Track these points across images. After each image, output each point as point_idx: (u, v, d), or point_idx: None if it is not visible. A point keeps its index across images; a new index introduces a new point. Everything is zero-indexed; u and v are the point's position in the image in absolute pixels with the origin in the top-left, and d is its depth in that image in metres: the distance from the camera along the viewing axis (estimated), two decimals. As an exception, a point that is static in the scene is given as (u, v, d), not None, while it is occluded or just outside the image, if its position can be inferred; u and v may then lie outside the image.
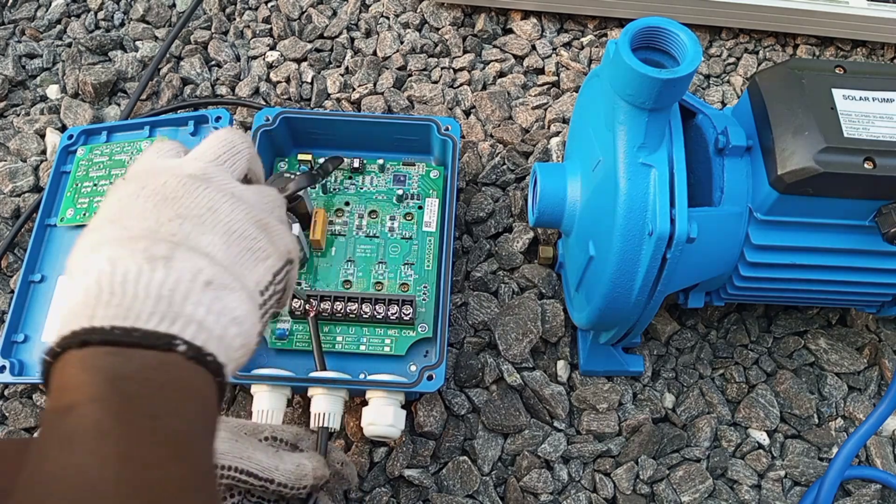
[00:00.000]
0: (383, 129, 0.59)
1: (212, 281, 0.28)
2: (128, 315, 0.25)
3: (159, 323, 0.26)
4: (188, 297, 0.27)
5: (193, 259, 0.28)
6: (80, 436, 0.23)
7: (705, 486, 0.52)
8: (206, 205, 0.31)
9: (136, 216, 0.29)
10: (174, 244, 0.28)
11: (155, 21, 0.75)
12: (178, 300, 0.26)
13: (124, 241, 0.28)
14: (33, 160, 0.66)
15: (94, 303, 0.26)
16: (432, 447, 0.53)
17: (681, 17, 0.70)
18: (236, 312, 0.28)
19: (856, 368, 0.57)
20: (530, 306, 0.56)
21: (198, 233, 0.29)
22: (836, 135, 0.41)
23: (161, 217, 0.29)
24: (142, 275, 0.26)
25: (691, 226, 0.40)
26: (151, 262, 0.27)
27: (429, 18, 0.74)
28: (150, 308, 0.26)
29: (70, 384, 0.24)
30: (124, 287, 0.26)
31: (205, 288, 0.27)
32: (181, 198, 0.30)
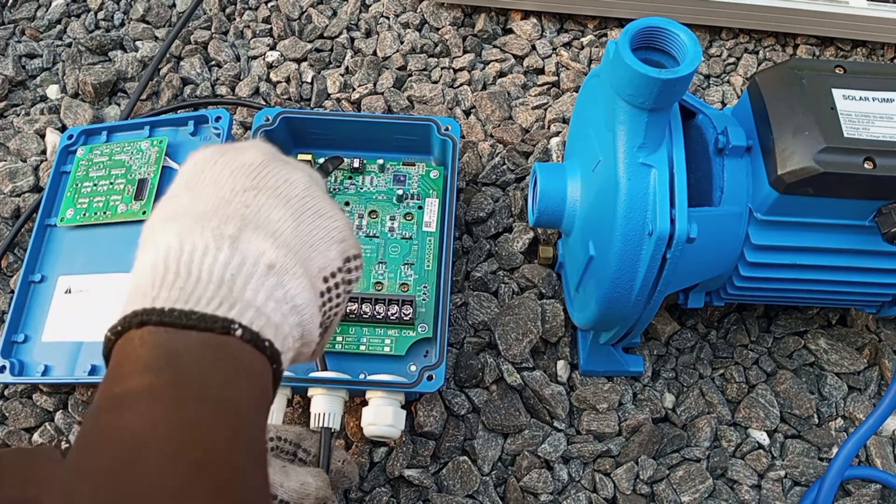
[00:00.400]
0: (383, 129, 0.59)
1: (274, 264, 0.28)
2: (189, 298, 0.26)
3: (218, 307, 0.26)
4: (249, 281, 0.27)
5: (259, 240, 0.28)
6: (132, 399, 0.23)
7: (705, 486, 0.52)
8: (284, 176, 0.30)
9: (210, 183, 0.29)
10: (243, 222, 0.28)
11: (155, 21, 0.75)
12: (238, 285, 0.26)
13: (197, 215, 0.28)
14: (33, 160, 0.66)
15: (158, 283, 0.26)
16: (432, 447, 0.53)
17: (681, 17, 0.70)
18: (297, 300, 0.28)
19: (856, 368, 0.57)
20: (530, 306, 0.56)
21: (270, 206, 0.29)
22: (836, 135, 0.41)
23: (236, 185, 0.29)
24: (206, 254, 0.26)
25: (691, 226, 0.40)
26: (218, 240, 0.27)
27: (429, 18, 0.74)
28: (210, 292, 0.26)
29: (126, 358, 0.25)
30: (189, 268, 0.26)
31: (267, 272, 0.27)
32: (258, 166, 0.30)
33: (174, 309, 0.25)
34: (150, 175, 0.58)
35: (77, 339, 0.54)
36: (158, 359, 0.24)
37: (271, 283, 0.27)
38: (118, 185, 0.58)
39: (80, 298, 0.55)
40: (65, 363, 0.53)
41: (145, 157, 0.59)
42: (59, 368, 0.53)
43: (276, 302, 0.27)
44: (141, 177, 0.58)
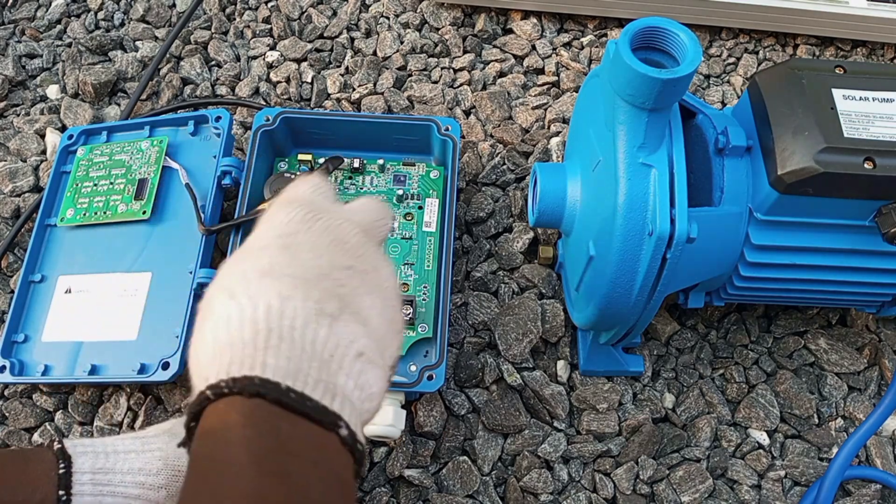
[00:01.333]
0: (383, 129, 0.59)
1: (363, 353, 0.27)
2: (297, 374, 0.25)
3: (324, 395, 0.25)
4: (342, 365, 0.26)
5: (354, 325, 0.27)
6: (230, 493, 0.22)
7: (705, 486, 0.52)
8: (373, 263, 0.30)
9: (308, 248, 0.28)
10: (343, 302, 0.27)
11: (155, 21, 0.75)
12: (334, 368, 0.26)
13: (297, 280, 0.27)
14: (33, 160, 0.66)
15: (262, 344, 0.25)
16: (432, 447, 0.53)
17: (681, 17, 0.70)
18: (373, 389, 0.28)
19: (856, 368, 0.57)
20: (530, 306, 0.56)
21: (363, 292, 0.29)
22: (836, 135, 0.41)
23: (335, 261, 0.28)
24: (307, 328, 0.26)
25: (691, 226, 0.40)
26: (320, 316, 0.26)
27: (429, 18, 0.74)
28: (315, 372, 0.25)
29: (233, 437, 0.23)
30: (293, 335, 0.25)
31: (356, 359, 0.27)
32: (354, 247, 0.30)
33: (291, 389, 0.24)
34: (150, 175, 0.58)
35: (77, 339, 0.54)
36: (266, 454, 0.23)
37: (357, 369, 0.27)
38: (118, 185, 0.58)
39: (80, 298, 0.55)
40: (65, 363, 0.53)
41: (145, 157, 0.59)
42: (59, 368, 0.53)
43: (360, 390, 0.27)
44: (141, 177, 0.58)
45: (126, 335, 0.53)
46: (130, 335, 0.53)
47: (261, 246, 0.29)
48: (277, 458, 0.23)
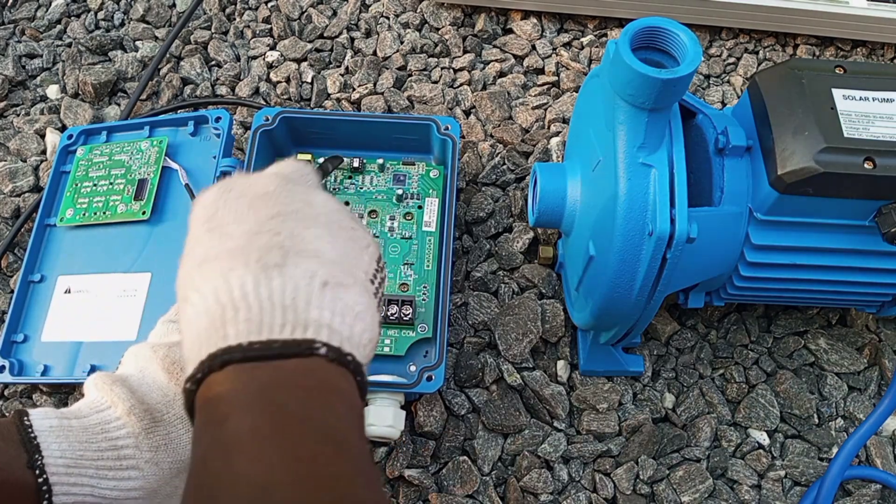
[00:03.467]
0: (383, 128, 0.59)
1: (327, 281, 0.27)
2: (261, 328, 0.25)
3: (293, 331, 0.25)
4: (310, 301, 0.26)
5: (305, 262, 0.27)
6: (239, 444, 0.23)
7: (705, 486, 0.52)
8: (301, 199, 0.30)
9: (231, 219, 0.29)
10: (284, 248, 0.27)
11: (155, 21, 0.75)
12: (301, 307, 0.26)
13: (232, 251, 0.27)
14: (33, 160, 0.66)
15: (220, 322, 0.25)
16: (432, 447, 0.53)
17: (681, 17, 0.70)
18: (357, 308, 0.28)
19: (856, 368, 0.57)
20: (530, 306, 0.56)
21: (301, 228, 0.29)
22: (836, 135, 0.41)
23: (259, 216, 0.29)
24: (260, 285, 0.26)
25: (691, 226, 0.40)
26: (266, 270, 0.26)
27: (429, 18, 0.74)
28: (279, 318, 0.25)
29: (221, 398, 0.24)
30: (247, 300, 0.26)
31: (322, 289, 0.27)
32: (275, 193, 0.30)
33: (253, 342, 0.25)
34: (149, 175, 0.58)
35: (76, 339, 0.54)
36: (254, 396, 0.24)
37: (329, 297, 0.27)
38: (118, 185, 0.58)
39: (80, 298, 0.55)
40: (64, 363, 0.53)
41: (145, 158, 0.59)
42: (59, 368, 0.53)
43: (341, 315, 0.27)
44: (141, 177, 0.58)
45: (126, 335, 0.53)
46: (130, 335, 0.53)
47: (192, 242, 0.29)
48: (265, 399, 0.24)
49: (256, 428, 0.23)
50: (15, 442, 0.32)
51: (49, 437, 0.33)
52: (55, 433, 0.33)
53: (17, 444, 0.32)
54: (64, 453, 0.33)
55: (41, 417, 0.34)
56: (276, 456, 0.22)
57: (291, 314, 0.26)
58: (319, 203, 0.31)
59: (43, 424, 0.33)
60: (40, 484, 0.32)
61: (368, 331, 0.28)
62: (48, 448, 0.32)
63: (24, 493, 0.31)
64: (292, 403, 0.24)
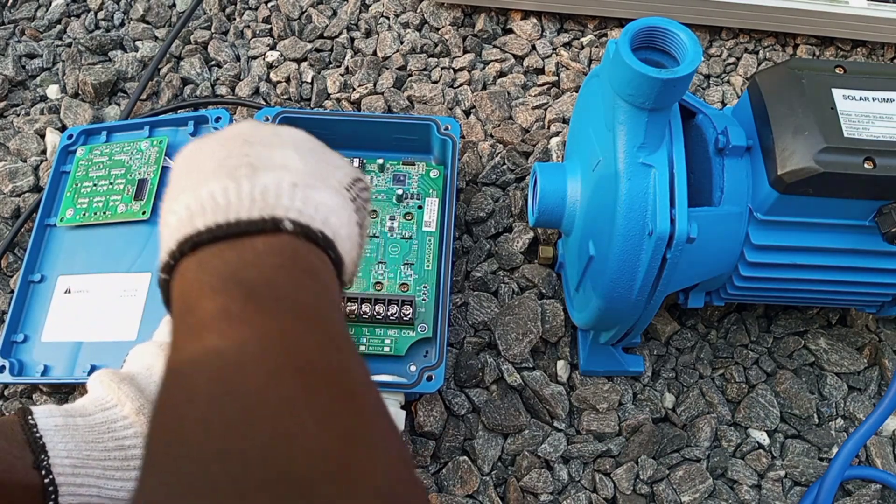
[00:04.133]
0: (383, 128, 0.59)
1: (296, 182, 0.28)
2: (228, 213, 0.25)
3: (261, 212, 0.26)
4: (280, 196, 0.27)
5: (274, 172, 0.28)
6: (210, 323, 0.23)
7: (705, 486, 0.52)
8: (270, 130, 0.31)
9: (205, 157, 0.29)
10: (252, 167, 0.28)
11: (155, 21, 0.75)
12: (271, 201, 0.26)
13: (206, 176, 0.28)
14: (33, 160, 0.65)
15: (189, 218, 0.26)
16: (432, 447, 0.53)
17: (681, 17, 0.70)
18: (330, 203, 0.28)
19: (856, 368, 0.57)
20: (530, 306, 0.56)
21: (269, 152, 0.29)
22: (836, 135, 0.41)
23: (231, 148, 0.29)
24: (228, 190, 0.26)
25: (691, 226, 0.40)
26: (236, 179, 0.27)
27: (429, 18, 0.74)
28: (247, 206, 0.26)
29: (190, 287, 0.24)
30: (215, 200, 0.26)
31: (293, 188, 0.27)
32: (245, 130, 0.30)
33: (219, 223, 0.25)
34: (149, 175, 0.58)
35: (76, 339, 0.54)
36: (223, 278, 0.24)
37: (300, 196, 0.27)
38: (118, 185, 0.58)
39: (80, 298, 0.55)
40: (64, 363, 0.53)
41: (145, 158, 0.59)
42: (59, 368, 0.53)
43: (313, 207, 0.27)
44: (141, 177, 0.58)
45: (126, 335, 0.53)
46: (130, 335, 0.53)
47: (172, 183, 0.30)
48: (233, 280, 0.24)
49: (225, 308, 0.23)
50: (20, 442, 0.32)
51: (55, 436, 0.33)
52: (61, 433, 0.33)
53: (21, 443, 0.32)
54: (70, 453, 0.33)
55: (46, 416, 0.34)
56: (247, 332, 0.23)
57: (261, 202, 0.26)
58: (287, 132, 0.31)
59: (48, 423, 0.33)
60: (46, 484, 0.32)
61: (345, 227, 0.29)
62: (54, 448, 0.32)
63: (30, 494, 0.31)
64: (260, 282, 0.24)
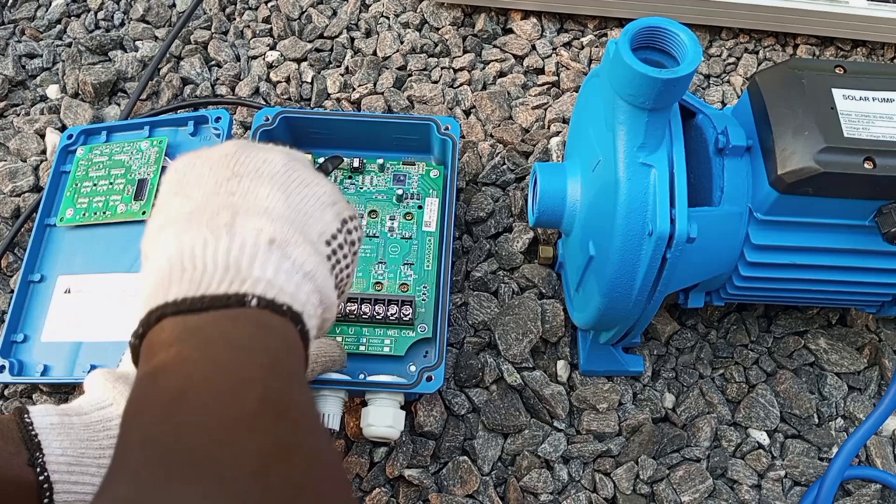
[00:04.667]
0: (383, 128, 0.59)
1: (274, 238, 0.28)
2: (199, 286, 0.26)
3: (229, 287, 0.26)
4: (254, 259, 0.27)
5: (253, 220, 0.28)
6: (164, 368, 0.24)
7: (705, 486, 0.52)
8: (259, 158, 0.31)
9: (193, 182, 0.30)
10: (233, 209, 0.28)
11: (155, 21, 0.75)
12: (245, 265, 0.27)
13: (188, 214, 0.28)
14: (33, 160, 0.65)
15: (167, 282, 0.27)
16: (432, 447, 0.53)
17: (681, 17, 0.70)
18: (305, 267, 0.29)
19: (856, 368, 0.57)
20: (530, 306, 0.56)
21: (255, 187, 0.30)
22: (836, 135, 0.41)
23: (218, 177, 0.30)
24: (207, 246, 0.27)
25: (691, 226, 0.40)
26: (215, 231, 0.28)
27: (429, 18, 0.74)
28: (219, 276, 0.26)
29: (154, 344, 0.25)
30: (193, 261, 0.27)
31: (269, 247, 0.28)
32: (235, 154, 0.31)
33: (186, 298, 0.26)
34: (149, 175, 0.58)
35: (76, 339, 0.54)
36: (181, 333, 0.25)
37: (276, 256, 0.28)
38: (118, 185, 0.58)
39: (80, 298, 0.55)
40: (64, 363, 0.53)
41: (145, 157, 0.59)
42: (59, 368, 0.53)
43: (286, 273, 0.28)
44: (141, 177, 0.58)
45: (126, 335, 0.53)
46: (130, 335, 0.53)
47: (159, 204, 0.31)
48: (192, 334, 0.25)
49: (179, 353, 0.24)
50: (15, 440, 0.32)
51: (50, 434, 0.33)
52: (56, 430, 0.33)
53: (17, 441, 0.32)
54: (65, 451, 0.33)
55: (42, 414, 0.34)
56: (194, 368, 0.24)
57: (233, 272, 0.27)
58: (277, 161, 0.32)
59: (44, 422, 0.33)
60: (41, 482, 0.32)
61: (318, 293, 0.29)
62: (49, 446, 0.32)
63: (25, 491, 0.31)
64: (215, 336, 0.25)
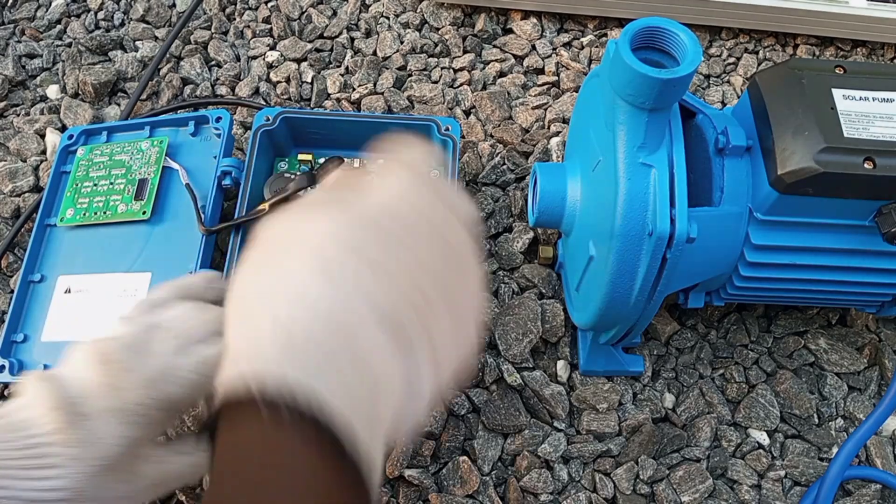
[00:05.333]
0: (383, 129, 0.59)
1: (412, 383, 0.26)
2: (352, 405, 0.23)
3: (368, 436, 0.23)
4: (389, 401, 0.25)
5: (421, 353, 0.26)
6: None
7: (705, 486, 0.52)
8: (467, 275, 0.28)
9: (423, 248, 0.26)
10: (419, 329, 0.25)
11: (155, 21, 0.75)
12: (383, 400, 0.24)
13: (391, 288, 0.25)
14: (33, 160, 0.66)
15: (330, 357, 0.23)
16: (432, 447, 0.53)
17: (681, 17, 0.70)
18: (406, 424, 0.26)
19: (856, 368, 0.57)
20: (530, 306, 0.56)
21: (444, 313, 0.26)
22: (836, 135, 0.41)
23: (435, 269, 0.26)
24: (374, 353, 0.24)
25: (691, 226, 0.40)
26: (396, 343, 0.25)
27: (429, 18, 0.74)
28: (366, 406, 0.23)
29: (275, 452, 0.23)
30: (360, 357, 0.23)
31: (403, 388, 0.25)
32: (457, 254, 0.28)
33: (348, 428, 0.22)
34: (150, 175, 0.58)
35: (76, 339, 0.54)
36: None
37: (404, 407, 0.25)
38: (118, 185, 0.58)
39: (80, 298, 0.55)
40: (65, 363, 0.53)
41: (145, 158, 0.59)
42: (59, 368, 0.53)
43: (395, 423, 0.25)
44: (141, 177, 0.58)
45: (126, 335, 0.53)
46: (130, 335, 0.53)
47: (370, 216, 0.26)
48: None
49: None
50: None
51: None
52: None
53: None
54: None
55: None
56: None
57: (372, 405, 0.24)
58: (473, 287, 0.28)
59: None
60: None
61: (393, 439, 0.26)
62: None
63: None
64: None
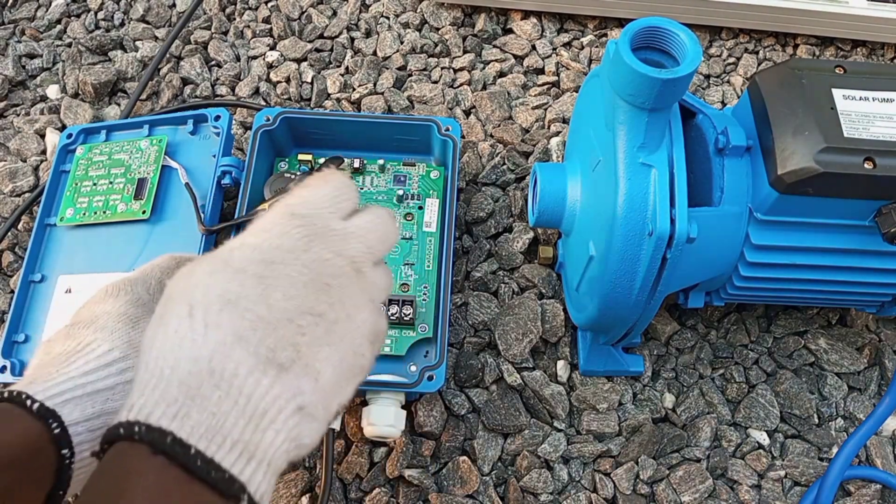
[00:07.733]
0: (383, 129, 0.59)
1: (304, 407, 0.27)
2: (216, 434, 0.24)
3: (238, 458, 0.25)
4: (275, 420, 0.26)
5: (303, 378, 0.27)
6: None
7: (705, 486, 0.52)
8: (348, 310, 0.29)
9: (285, 286, 0.27)
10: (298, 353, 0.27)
11: (155, 21, 0.75)
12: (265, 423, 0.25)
13: (259, 322, 0.26)
14: (33, 160, 0.66)
15: (195, 392, 0.25)
16: (432, 447, 0.53)
17: (681, 17, 0.70)
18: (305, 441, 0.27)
19: (856, 368, 0.57)
20: (530, 306, 0.56)
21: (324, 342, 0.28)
22: (836, 135, 0.41)
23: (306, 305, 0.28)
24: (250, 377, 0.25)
25: (691, 226, 0.40)
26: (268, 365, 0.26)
27: (429, 18, 0.74)
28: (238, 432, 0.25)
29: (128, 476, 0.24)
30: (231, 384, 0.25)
31: (294, 413, 0.26)
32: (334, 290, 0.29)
33: (201, 454, 0.24)
34: (149, 174, 0.58)
35: (77, 338, 0.54)
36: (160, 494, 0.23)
37: (293, 424, 0.26)
38: (118, 184, 0.58)
39: (81, 298, 0.55)
40: (65, 363, 0.53)
41: (145, 157, 0.59)
42: (59, 368, 0.53)
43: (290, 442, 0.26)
44: (140, 176, 0.58)
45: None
46: (130, 335, 0.53)
47: (240, 264, 0.28)
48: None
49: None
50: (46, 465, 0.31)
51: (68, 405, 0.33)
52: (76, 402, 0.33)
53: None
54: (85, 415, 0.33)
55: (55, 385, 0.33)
56: None
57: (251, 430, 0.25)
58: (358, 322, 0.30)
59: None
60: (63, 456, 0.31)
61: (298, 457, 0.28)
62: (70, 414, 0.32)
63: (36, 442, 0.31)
64: None
